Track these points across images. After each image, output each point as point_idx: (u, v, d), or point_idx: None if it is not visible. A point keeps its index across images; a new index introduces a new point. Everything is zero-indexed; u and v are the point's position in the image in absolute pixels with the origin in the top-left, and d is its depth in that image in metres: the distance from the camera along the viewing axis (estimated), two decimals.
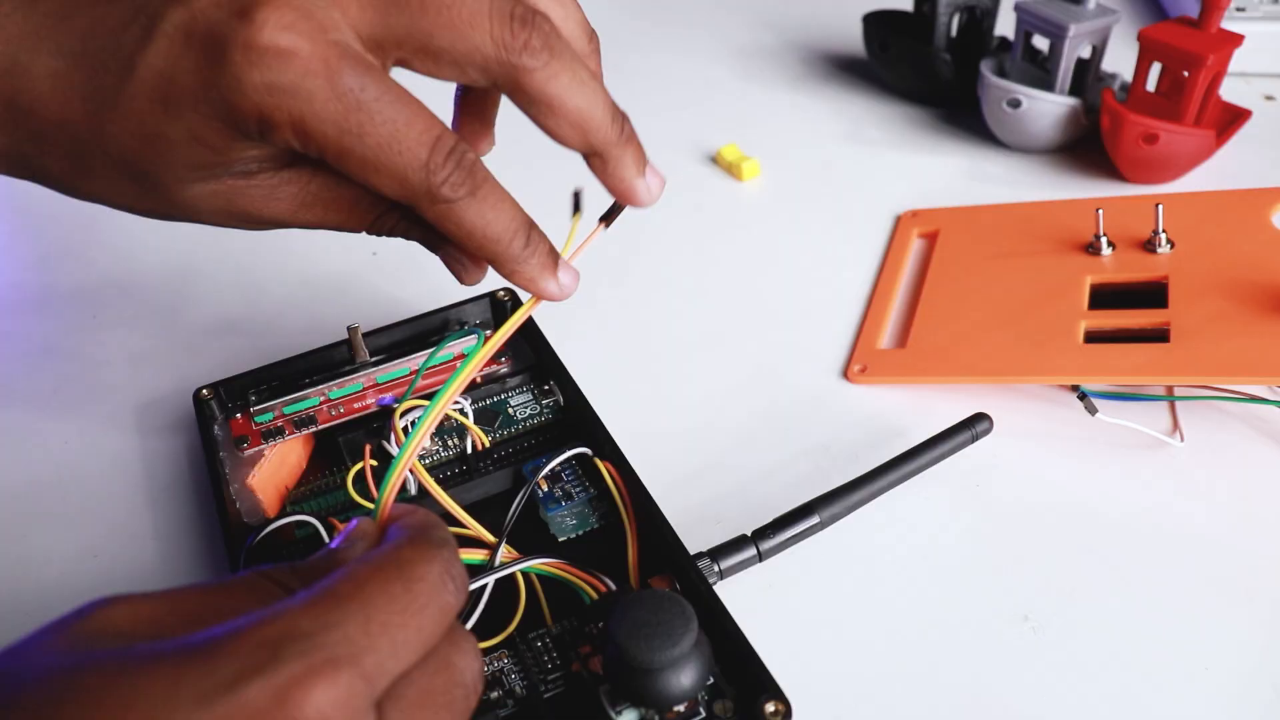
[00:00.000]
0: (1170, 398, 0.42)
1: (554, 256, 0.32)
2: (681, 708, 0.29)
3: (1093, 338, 0.44)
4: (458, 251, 0.34)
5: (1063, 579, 0.37)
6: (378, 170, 0.28)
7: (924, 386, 0.44)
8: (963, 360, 0.44)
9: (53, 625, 0.22)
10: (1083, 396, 0.41)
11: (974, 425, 0.39)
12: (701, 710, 0.30)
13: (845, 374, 0.46)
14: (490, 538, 0.36)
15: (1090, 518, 0.39)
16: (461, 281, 0.34)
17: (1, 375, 0.48)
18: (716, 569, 0.34)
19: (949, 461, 0.41)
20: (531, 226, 0.31)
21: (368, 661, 0.21)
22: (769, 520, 0.36)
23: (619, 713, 0.29)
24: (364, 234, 0.34)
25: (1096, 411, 0.41)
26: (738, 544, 0.35)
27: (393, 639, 0.22)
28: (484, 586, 0.34)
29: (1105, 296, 0.46)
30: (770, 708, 0.29)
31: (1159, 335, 0.43)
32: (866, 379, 0.45)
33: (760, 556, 0.35)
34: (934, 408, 0.43)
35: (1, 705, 0.20)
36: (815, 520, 0.36)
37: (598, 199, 0.32)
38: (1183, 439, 0.41)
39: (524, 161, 0.42)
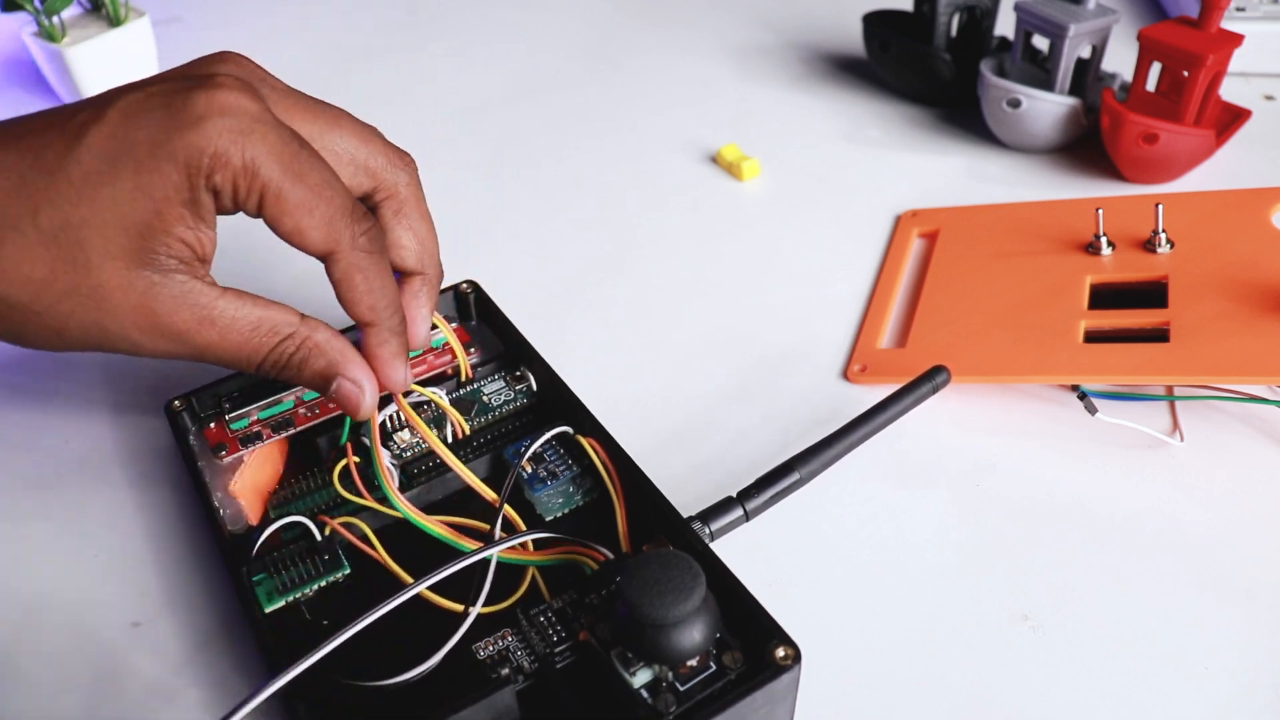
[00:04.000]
0: (1170, 397, 0.42)
1: (405, 349, 0.35)
2: (693, 662, 0.30)
3: (1093, 337, 0.44)
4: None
5: (1062, 579, 0.37)
6: (311, 212, 0.31)
7: None
8: (963, 360, 0.44)
9: None
10: (1083, 396, 0.41)
11: (933, 378, 0.41)
12: (711, 664, 0.30)
13: (845, 374, 0.46)
14: (491, 494, 0.36)
15: (1090, 518, 0.39)
16: (357, 414, 0.35)
17: None
18: (708, 530, 0.35)
19: (949, 461, 0.41)
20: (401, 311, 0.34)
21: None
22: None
23: (633, 673, 0.30)
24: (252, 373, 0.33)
25: (1096, 411, 0.41)
26: (725, 505, 0.36)
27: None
28: (489, 561, 0.34)
29: (1105, 296, 0.46)
30: (780, 652, 0.29)
31: (1159, 335, 0.43)
32: (866, 379, 0.45)
33: (747, 516, 0.36)
34: (934, 407, 0.43)
35: None
36: (796, 477, 0.37)
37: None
38: (1182, 439, 0.41)
39: None
